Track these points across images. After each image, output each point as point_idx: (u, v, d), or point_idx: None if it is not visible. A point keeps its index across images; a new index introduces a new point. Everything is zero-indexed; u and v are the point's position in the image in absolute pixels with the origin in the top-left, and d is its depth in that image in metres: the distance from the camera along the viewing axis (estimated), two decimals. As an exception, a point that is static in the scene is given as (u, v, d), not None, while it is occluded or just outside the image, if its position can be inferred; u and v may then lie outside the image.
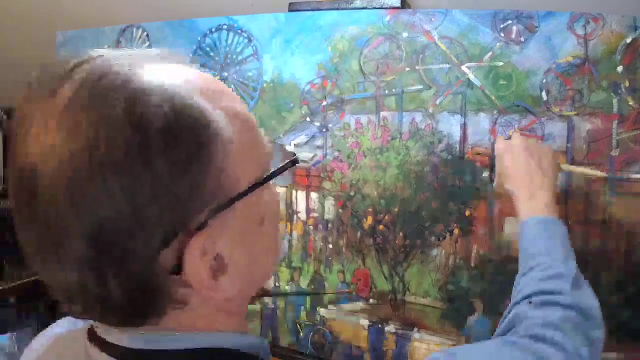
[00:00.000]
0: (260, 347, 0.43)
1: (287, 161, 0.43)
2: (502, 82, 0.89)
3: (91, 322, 0.45)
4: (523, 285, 0.64)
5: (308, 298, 1.07)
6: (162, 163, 0.34)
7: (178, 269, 0.36)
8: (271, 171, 0.42)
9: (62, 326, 0.50)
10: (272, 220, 0.44)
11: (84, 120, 0.33)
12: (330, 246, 1.04)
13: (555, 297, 0.59)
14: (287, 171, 0.43)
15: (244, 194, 0.39)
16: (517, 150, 0.76)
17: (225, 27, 1.14)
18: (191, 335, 0.40)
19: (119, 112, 0.33)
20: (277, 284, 1.10)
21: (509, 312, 0.62)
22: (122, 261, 0.34)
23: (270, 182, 0.42)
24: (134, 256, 0.34)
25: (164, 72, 0.37)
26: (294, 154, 0.45)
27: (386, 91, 0.99)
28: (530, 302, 0.60)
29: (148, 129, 0.33)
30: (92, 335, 0.42)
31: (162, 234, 0.35)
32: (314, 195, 1.05)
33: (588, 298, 0.61)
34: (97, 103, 0.34)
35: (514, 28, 0.88)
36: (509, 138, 0.81)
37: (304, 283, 1.07)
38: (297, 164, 0.45)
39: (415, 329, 0.97)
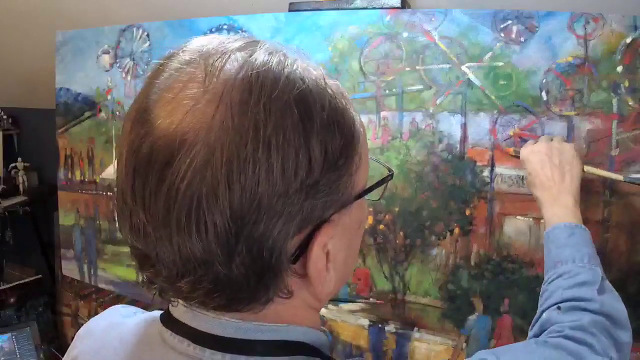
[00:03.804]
0: (327, 345, 0.45)
1: (388, 174, 0.47)
2: (502, 82, 0.89)
3: (153, 313, 0.45)
4: (551, 292, 0.65)
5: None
6: (319, 151, 0.36)
7: (298, 257, 0.38)
8: (377, 181, 0.45)
9: (119, 313, 0.49)
10: (363, 226, 0.46)
11: (252, 99, 0.34)
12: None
13: (583, 304, 0.61)
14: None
15: (361, 195, 0.42)
16: (540, 156, 0.77)
17: (225, 27, 1.14)
18: (278, 327, 0.41)
19: (288, 97, 0.35)
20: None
21: (538, 318, 0.64)
22: (256, 241, 0.35)
23: None
24: (269, 238, 0.35)
25: (316, 69, 0.40)
26: (390, 169, 0.49)
27: (386, 91, 0.99)
28: (559, 308, 0.62)
29: (313, 118, 0.36)
30: (170, 323, 0.42)
31: (300, 220, 0.36)
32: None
33: (615, 303, 0.63)
34: (265, 85, 0.35)
35: (514, 28, 0.88)
36: (535, 143, 0.82)
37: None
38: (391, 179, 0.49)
39: (416, 329, 0.98)
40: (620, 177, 0.80)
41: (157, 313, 0.45)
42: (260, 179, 0.33)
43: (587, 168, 0.80)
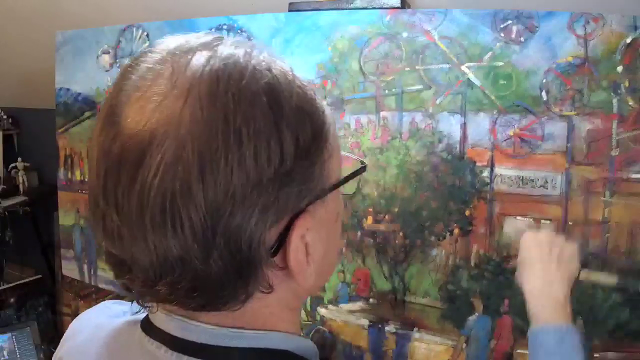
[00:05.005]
0: (313, 352, 0.44)
1: (361, 166, 0.46)
2: (502, 82, 0.89)
3: (137, 316, 0.44)
4: None
5: (308, 298, 1.07)
6: (291, 140, 0.35)
7: (277, 249, 0.37)
8: (352, 171, 0.45)
9: (107, 314, 0.49)
10: (341, 219, 0.46)
11: (220, 91, 0.34)
12: (330, 246, 1.04)
13: None
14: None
15: (336, 186, 0.41)
16: (542, 246, 0.74)
17: (225, 27, 1.14)
18: (257, 333, 0.40)
19: (256, 86, 0.35)
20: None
21: None
22: (233, 233, 0.34)
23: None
24: (246, 230, 0.35)
25: (283, 61, 0.39)
26: (363, 161, 0.49)
27: (386, 91, 0.99)
28: None
29: (282, 106, 0.36)
30: (149, 329, 0.42)
31: (276, 212, 0.36)
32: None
33: None
34: (233, 76, 0.35)
35: (514, 28, 0.88)
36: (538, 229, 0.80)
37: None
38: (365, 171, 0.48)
39: (415, 329, 0.97)
40: (613, 281, 0.81)
41: (141, 316, 0.44)
42: (233, 170, 0.33)
43: (583, 273, 0.77)
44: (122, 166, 0.34)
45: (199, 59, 0.35)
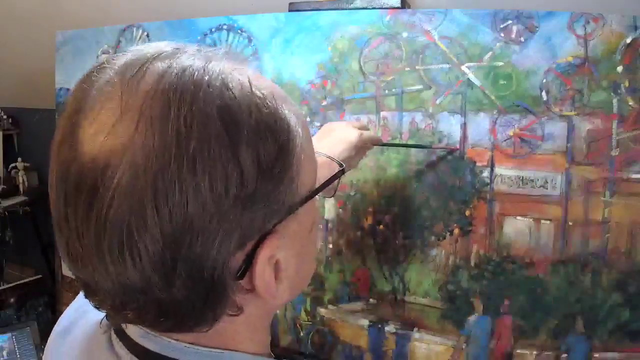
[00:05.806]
0: None
1: (338, 170, 0.45)
2: (502, 82, 0.89)
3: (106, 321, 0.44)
4: None
5: (308, 298, 1.07)
6: (251, 161, 0.34)
7: (244, 273, 0.36)
8: (327, 178, 0.43)
9: (69, 321, 0.49)
10: (316, 228, 0.44)
11: (172, 113, 0.32)
12: (330, 246, 1.04)
13: None
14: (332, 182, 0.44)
15: (307, 199, 0.39)
16: None
17: (225, 27, 1.14)
18: (224, 354, 0.40)
19: (211, 107, 0.33)
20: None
21: None
22: (195, 263, 0.33)
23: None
24: (208, 258, 0.34)
25: (242, 72, 0.37)
26: (341, 164, 0.48)
27: (386, 91, 0.99)
28: None
29: (239, 126, 0.33)
30: (121, 334, 0.42)
31: (239, 236, 0.34)
32: (314, 195, 1.05)
33: None
34: (185, 97, 0.33)
35: (514, 28, 0.88)
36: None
37: (304, 283, 1.07)
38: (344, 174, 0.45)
39: (415, 329, 0.97)
40: None
41: (103, 327, 0.45)
42: (188, 199, 0.32)
43: None
44: (79, 193, 0.33)
45: (150, 77, 0.34)
